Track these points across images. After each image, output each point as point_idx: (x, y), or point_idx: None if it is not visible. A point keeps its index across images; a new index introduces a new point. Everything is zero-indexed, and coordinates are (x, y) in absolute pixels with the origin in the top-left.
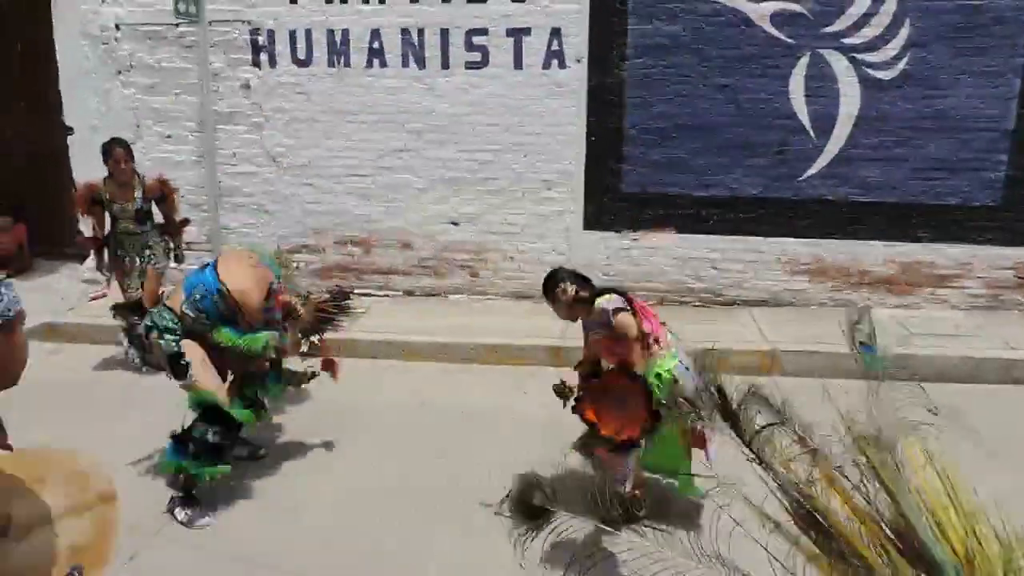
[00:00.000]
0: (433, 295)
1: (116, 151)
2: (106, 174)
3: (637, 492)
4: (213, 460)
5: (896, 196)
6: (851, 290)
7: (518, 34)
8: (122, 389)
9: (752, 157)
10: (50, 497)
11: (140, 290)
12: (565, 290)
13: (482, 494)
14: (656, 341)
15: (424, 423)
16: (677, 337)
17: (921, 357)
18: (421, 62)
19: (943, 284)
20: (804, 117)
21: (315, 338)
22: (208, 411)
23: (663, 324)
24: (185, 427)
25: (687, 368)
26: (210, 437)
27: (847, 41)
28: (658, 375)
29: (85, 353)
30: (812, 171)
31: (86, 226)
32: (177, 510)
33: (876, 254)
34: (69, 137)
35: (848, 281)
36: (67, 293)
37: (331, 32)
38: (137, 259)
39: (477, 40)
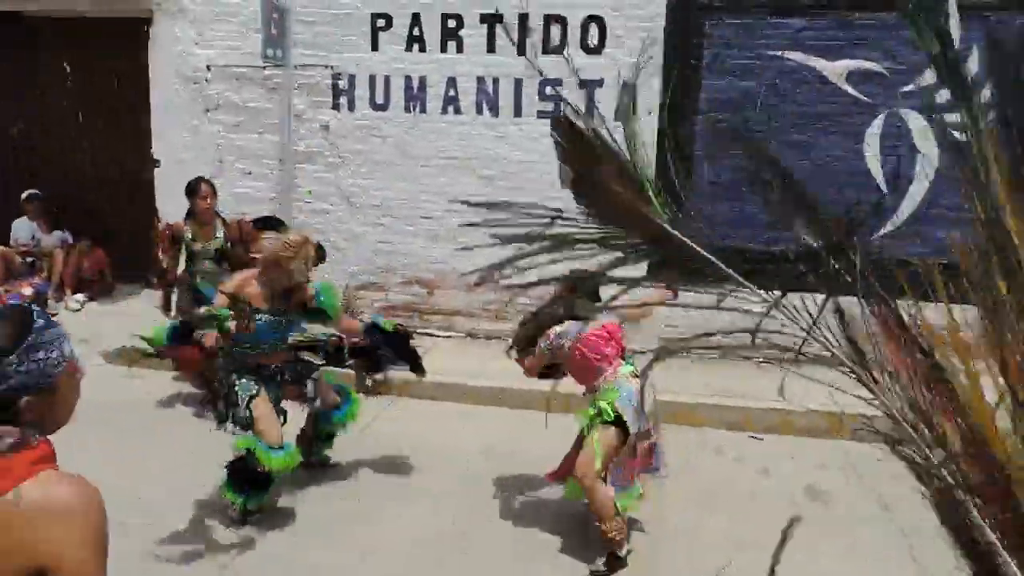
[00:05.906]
0: (495, 338)
1: (202, 187)
2: (187, 211)
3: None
4: (261, 489)
5: None
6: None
7: (591, 85)
8: (195, 412)
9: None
10: None
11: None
12: None
13: (544, 547)
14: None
15: (486, 470)
16: (632, 364)
17: None
18: (495, 110)
19: None
20: (879, 176)
21: (378, 376)
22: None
23: (621, 355)
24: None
25: (630, 400)
26: (258, 468)
27: (925, 101)
28: (600, 408)
29: (161, 378)
30: (886, 230)
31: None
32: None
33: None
34: (156, 169)
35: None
36: (145, 318)
37: (409, 78)
38: None
39: (550, 90)
